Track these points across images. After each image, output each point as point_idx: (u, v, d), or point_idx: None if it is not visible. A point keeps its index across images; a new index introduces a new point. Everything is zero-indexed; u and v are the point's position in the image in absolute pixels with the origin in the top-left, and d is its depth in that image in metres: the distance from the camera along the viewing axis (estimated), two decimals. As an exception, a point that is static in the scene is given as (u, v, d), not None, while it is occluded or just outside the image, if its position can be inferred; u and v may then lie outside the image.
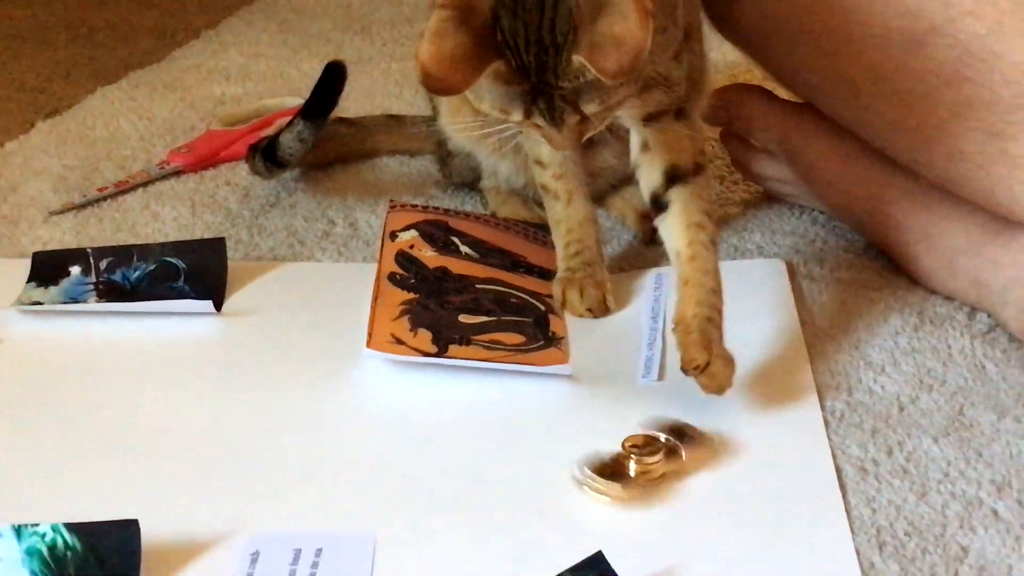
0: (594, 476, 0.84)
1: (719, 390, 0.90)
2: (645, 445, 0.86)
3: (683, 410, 0.90)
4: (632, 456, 0.85)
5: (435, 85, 0.82)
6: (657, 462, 0.85)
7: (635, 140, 0.99)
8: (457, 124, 1.14)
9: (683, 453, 0.86)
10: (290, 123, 1.23)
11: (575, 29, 0.82)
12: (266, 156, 1.24)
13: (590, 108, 0.85)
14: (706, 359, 0.89)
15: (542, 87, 0.84)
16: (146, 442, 0.90)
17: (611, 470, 0.85)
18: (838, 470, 0.87)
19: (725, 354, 0.91)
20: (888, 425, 0.92)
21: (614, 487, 0.84)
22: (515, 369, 0.97)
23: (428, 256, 1.11)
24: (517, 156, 1.13)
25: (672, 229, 0.97)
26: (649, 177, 0.99)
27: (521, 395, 0.95)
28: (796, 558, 0.79)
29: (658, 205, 0.98)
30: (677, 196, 0.97)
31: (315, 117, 1.23)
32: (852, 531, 0.81)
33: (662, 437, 0.87)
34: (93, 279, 1.10)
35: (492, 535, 0.81)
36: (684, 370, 0.90)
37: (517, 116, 0.86)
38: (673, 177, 0.97)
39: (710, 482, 0.85)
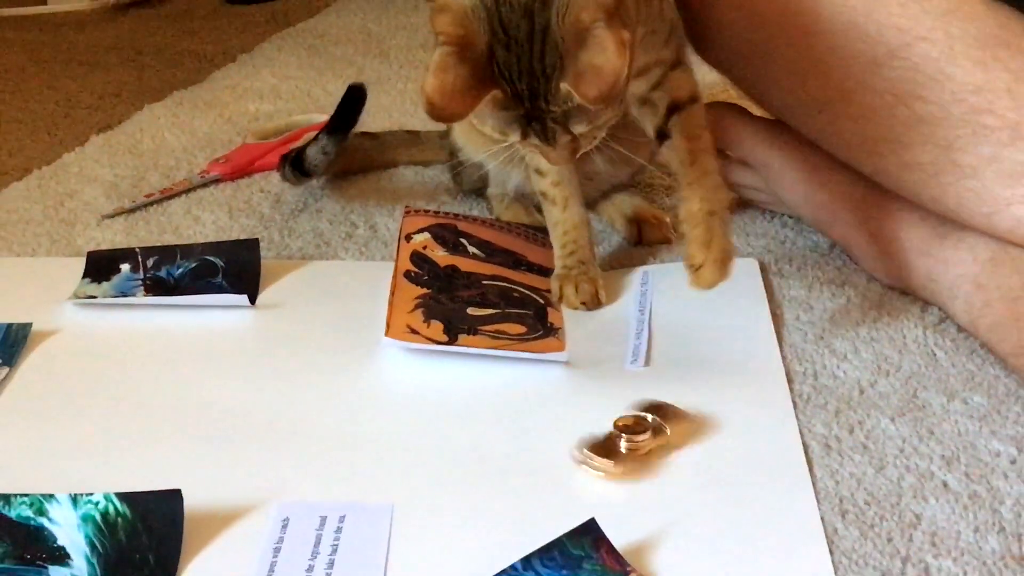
0: (592, 455, 0.84)
1: (706, 286, 0.93)
2: (634, 425, 0.86)
3: (666, 393, 0.90)
4: (623, 435, 0.85)
5: (439, 114, 0.82)
6: (645, 440, 0.85)
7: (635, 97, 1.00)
8: (467, 140, 1.15)
9: (667, 430, 0.86)
10: (315, 138, 1.23)
11: (561, 60, 0.81)
12: (294, 166, 1.24)
13: (579, 129, 0.85)
14: (701, 260, 0.91)
15: (535, 111, 0.83)
16: (188, 421, 0.91)
17: (605, 448, 0.85)
18: (805, 446, 0.87)
19: (722, 251, 0.93)
20: (850, 406, 0.92)
21: (608, 463, 0.84)
22: (517, 356, 0.97)
23: (439, 255, 1.10)
24: (526, 166, 1.13)
25: (674, 146, 0.98)
26: (653, 119, 1.00)
27: (523, 379, 0.95)
28: (768, 525, 0.79)
29: (662, 137, 0.99)
30: (676, 122, 0.99)
31: (337, 133, 1.23)
32: (818, 500, 0.81)
33: (649, 417, 0.87)
34: (141, 275, 1.10)
35: (496, 504, 0.81)
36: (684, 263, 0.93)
37: (515, 137, 0.86)
38: (673, 110, 0.99)
39: (691, 458, 0.85)
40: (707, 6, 1.11)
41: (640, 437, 0.85)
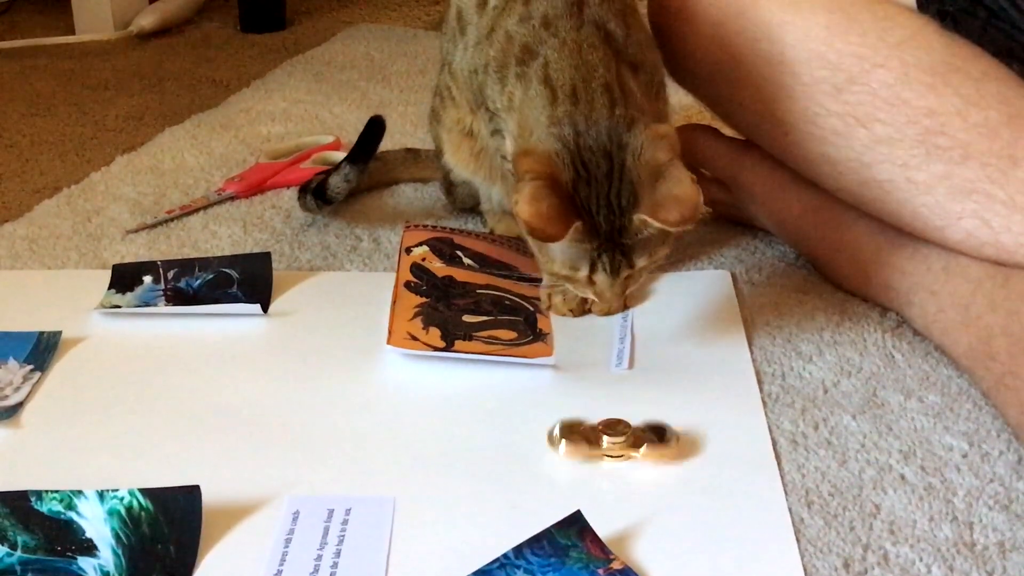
0: (557, 435, 0.85)
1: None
2: (616, 426, 0.85)
3: (647, 392, 0.91)
4: (604, 434, 0.85)
5: (539, 235, 0.85)
6: (620, 443, 0.84)
7: None
8: (455, 157, 1.16)
9: (641, 449, 0.84)
10: (338, 167, 1.23)
11: (636, 195, 0.86)
12: (316, 195, 1.23)
13: (641, 262, 0.89)
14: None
15: (607, 245, 0.87)
16: (206, 421, 0.91)
17: (578, 434, 0.85)
18: (774, 442, 0.87)
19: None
20: (815, 404, 0.92)
21: (570, 446, 0.84)
22: (509, 360, 0.97)
23: (437, 267, 1.10)
24: (506, 183, 1.13)
25: None
26: None
27: (514, 381, 0.95)
28: (739, 514, 0.79)
29: None
30: None
31: (359, 162, 1.23)
32: (785, 492, 0.81)
33: (631, 426, 0.85)
34: (162, 286, 1.10)
35: (490, 496, 0.81)
36: None
37: (584, 271, 0.89)
38: None
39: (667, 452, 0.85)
40: (682, 35, 1.12)
41: (616, 439, 0.84)
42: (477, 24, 1.03)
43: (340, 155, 1.40)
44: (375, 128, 1.24)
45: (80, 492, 0.77)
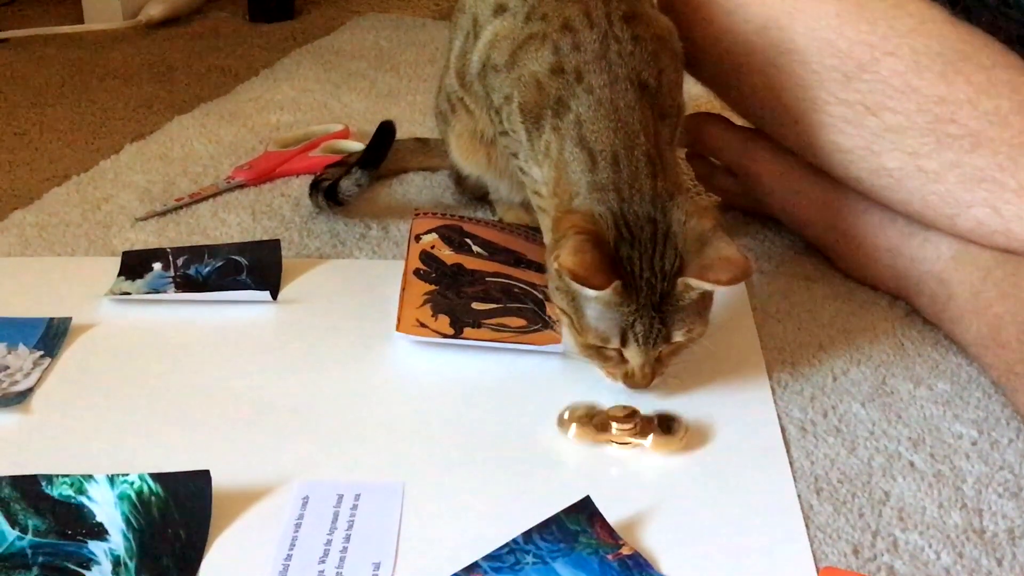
0: (567, 418, 0.85)
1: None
2: (624, 415, 0.85)
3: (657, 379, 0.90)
4: (613, 421, 0.85)
5: (583, 282, 0.83)
6: (628, 430, 0.84)
7: None
8: (466, 161, 1.16)
9: (649, 439, 0.84)
10: (349, 170, 1.23)
11: (682, 259, 0.84)
12: (327, 196, 1.23)
13: (678, 336, 0.86)
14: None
15: (645, 311, 0.84)
16: (215, 407, 0.91)
17: (591, 421, 0.85)
18: (783, 429, 0.87)
19: None
20: (824, 392, 0.92)
21: (580, 429, 0.84)
22: (518, 347, 0.97)
23: (446, 255, 1.10)
24: (512, 179, 1.13)
25: None
26: None
27: (522, 369, 0.95)
28: (748, 501, 0.79)
29: None
30: None
31: (369, 166, 1.23)
32: (794, 479, 0.81)
33: (639, 416, 0.85)
34: (172, 273, 1.10)
35: (499, 482, 0.82)
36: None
37: (615, 343, 0.86)
38: None
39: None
40: (692, 24, 1.11)
41: (625, 426, 0.84)
42: (493, 33, 1.00)
43: (349, 143, 1.40)
44: (385, 133, 1.24)
45: (90, 476, 0.77)
